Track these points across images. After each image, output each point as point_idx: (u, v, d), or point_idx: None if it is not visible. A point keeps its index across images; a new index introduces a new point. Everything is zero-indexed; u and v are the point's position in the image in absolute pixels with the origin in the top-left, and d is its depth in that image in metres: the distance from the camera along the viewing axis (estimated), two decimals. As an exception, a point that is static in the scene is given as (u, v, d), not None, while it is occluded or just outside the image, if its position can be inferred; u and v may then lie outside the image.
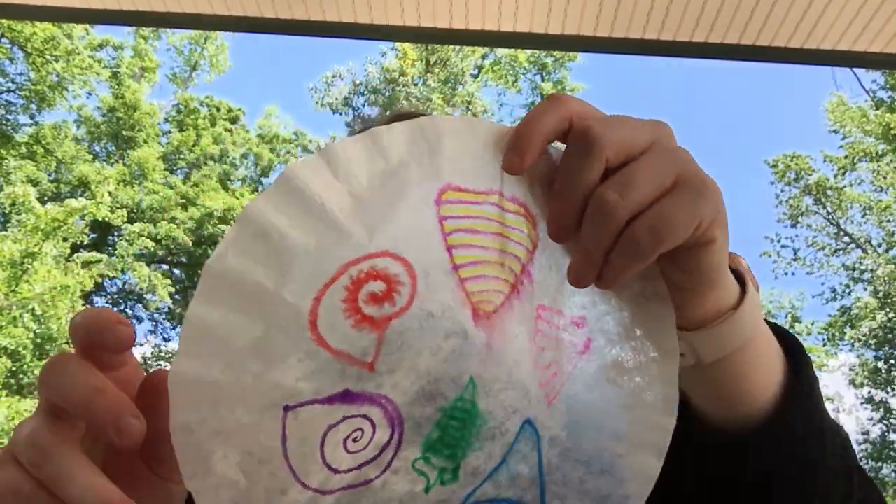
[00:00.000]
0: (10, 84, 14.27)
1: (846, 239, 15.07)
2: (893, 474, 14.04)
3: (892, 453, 13.91)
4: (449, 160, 0.39)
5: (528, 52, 15.89)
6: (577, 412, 0.43)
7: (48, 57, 13.82)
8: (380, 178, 0.37)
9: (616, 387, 0.43)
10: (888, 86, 14.32)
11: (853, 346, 14.59)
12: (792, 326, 17.74)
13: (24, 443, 0.33)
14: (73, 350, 0.35)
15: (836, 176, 14.81)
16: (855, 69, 12.89)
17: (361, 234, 0.37)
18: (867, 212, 14.38)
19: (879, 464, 14.05)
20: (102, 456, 0.38)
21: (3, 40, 13.53)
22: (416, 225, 0.38)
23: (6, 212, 12.13)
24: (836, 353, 15.30)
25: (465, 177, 0.40)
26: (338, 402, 0.37)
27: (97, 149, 16.43)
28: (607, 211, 0.36)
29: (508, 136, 0.40)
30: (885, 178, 14.02)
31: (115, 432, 0.32)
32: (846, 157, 14.45)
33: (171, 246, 14.82)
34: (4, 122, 14.45)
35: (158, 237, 14.42)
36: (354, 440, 0.37)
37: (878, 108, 14.19)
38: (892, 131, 13.50)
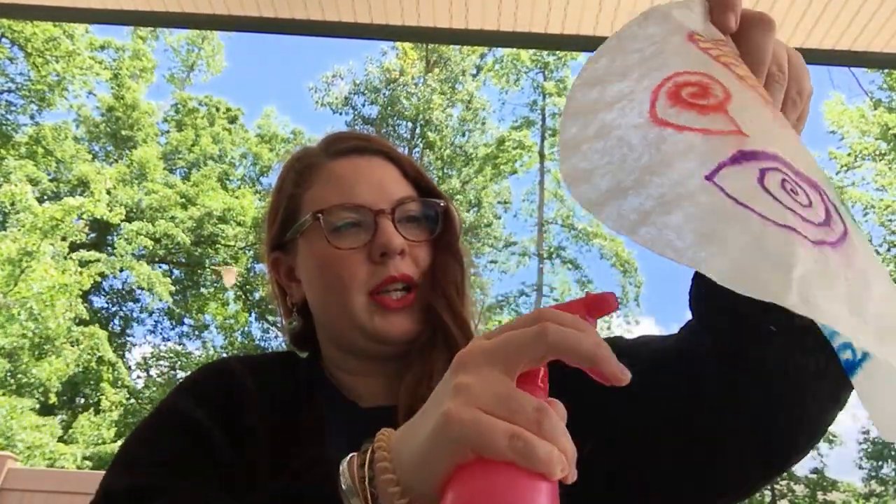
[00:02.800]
0: (10, 84, 14.27)
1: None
2: (893, 473, 14.06)
3: (892, 453, 13.92)
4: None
5: (531, 50, 15.90)
6: None
7: (48, 57, 13.81)
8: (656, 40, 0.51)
9: None
10: (887, 86, 14.33)
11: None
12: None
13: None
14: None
15: (835, 175, 14.82)
16: (853, 69, 12.90)
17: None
18: (868, 211, 14.38)
19: (879, 463, 14.07)
20: None
21: (4, 40, 13.52)
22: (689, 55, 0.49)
23: (5, 211, 12.13)
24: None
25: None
26: (743, 161, 0.41)
27: (96, 148, 16.43)
28: None
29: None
30: (884, 177, 14.03)
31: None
32: (848, 154, 14.46)
33: (171, 245, 14.81)
34: (4, 121, 14.44)
35: (157, 236, 14.41)
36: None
37: (876, 108, 14.20)
38: (891, 131, 13.51)
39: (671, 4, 0.54)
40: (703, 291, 0.62)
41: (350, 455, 0.45)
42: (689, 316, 0.70)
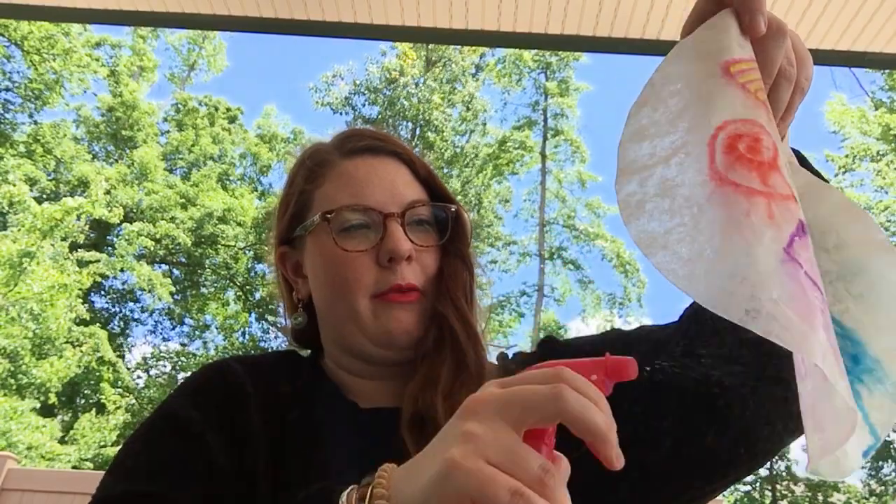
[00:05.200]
0: (7, 82, 14.27)
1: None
2: (893, 474, 14.04)
3: (892, 453, 13.91)
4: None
5: (533, 51, 15.90)
6: None
7: (45, 55, 13.80)
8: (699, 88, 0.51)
9: None
10: (888, 87, 14.32)
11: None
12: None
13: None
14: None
15: (836, 176, 14.81)
16: (854, 70, 12.89)
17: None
18: (868, 211, 14.37)
19: (879, 463, 14.05)
20: None
21: (1, 38, 13.52)
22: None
23: (4, 211, 12.12)
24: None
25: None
26: (803, 233, 0.43)
27: (96, 148, 16.42)
28: None
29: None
30: (884, 178, 14.02)
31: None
32: (847, 156, 14.46)
33: (171, 245, 14.81)
34: (3, 120, 14.44)
35: (158, 237, 14.41)
36: None
37: (877, 109, 14.20)
38: (892, 132, 13.50)
39: (697, 34, 0.53)
40: None
41: (350, 487, 0.45)
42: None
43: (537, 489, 0.36)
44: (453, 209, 0.79)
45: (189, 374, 0.78)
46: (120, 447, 0.67)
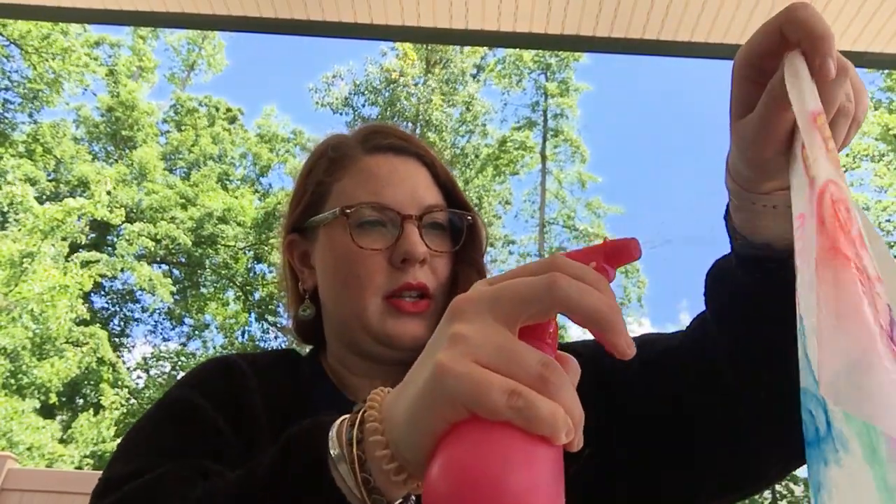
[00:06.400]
0: (7, 82, 14.27)
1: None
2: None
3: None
4: None
5: (533, 51, 15.91)
6: None
7: (44, 54, 13.81)
8: None
9: None
10: (886, 87, 14.33)
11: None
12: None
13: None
14: None
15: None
16: (854, 70, 12.89)
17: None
18: (866, 212, 14.40)
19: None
20: None
21: (0, 38, 13.52)
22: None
23: (4, 211, 12.13)
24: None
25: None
26: None
27: (96, 148, 16.43)
28: None
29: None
30: (883, 178, 14.04)
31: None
32: (847, 156, 14.47)
33: (171, 246, 14.81)
34: (2, 120, 14.44)
35: (158, 237, 14.41)
36: None
37: (876, 109, 14.21)
38: (892, 132, 13.51)
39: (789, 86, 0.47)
40: (724, 278, 0.63)
41: (342, 417, 0.42)
42: (689, 319, 0.71)
43: (538, 387, 0.32)
44: (469, 217, 0.79)
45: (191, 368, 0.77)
46: (124, 435, 0.66)
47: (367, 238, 0.73)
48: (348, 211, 0.73)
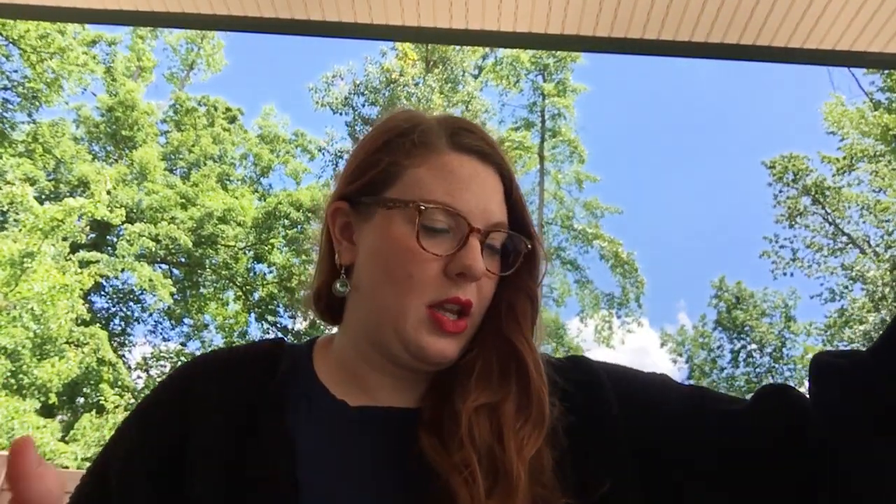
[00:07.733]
0: (6, 81, 14.26)
1: (844, 239, 15.08)
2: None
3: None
4: None
5: (531, 52, 15.90)
6: None
7: (43, 54, 13.80)
8: None
9: None
10: (886, 87, 14.33)
11: (851, 346, 14.61)
12: (787, 326, 17.74)
13: None
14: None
15: (833, 176, 14.82)
16: (853, 70, 12.90)
17: None
18: (865, 212, 14.39)
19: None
20: None
21: None
22: None
23: (4, 211, 12.13)
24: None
25: None
26: None
27: (96, 148, 16.43)
28: None
29: None
30: (883, 178, 14.03)
31: None
32: (844, 157, 14.47)
33: (171, 246, 14.81)
34: (2, 119, 14.43)
35: (158, 237, 14.41)
36: None
37: (876, 110, 14.20)
38: (891, 132, 13.51)
39: None
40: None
41: None
42: (688, 319, 0.71)
43: None
44: (529, 245, 0.75)
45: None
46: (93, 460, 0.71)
47: (431, 241, 0.69)
48: (422, 207, 0.69)
